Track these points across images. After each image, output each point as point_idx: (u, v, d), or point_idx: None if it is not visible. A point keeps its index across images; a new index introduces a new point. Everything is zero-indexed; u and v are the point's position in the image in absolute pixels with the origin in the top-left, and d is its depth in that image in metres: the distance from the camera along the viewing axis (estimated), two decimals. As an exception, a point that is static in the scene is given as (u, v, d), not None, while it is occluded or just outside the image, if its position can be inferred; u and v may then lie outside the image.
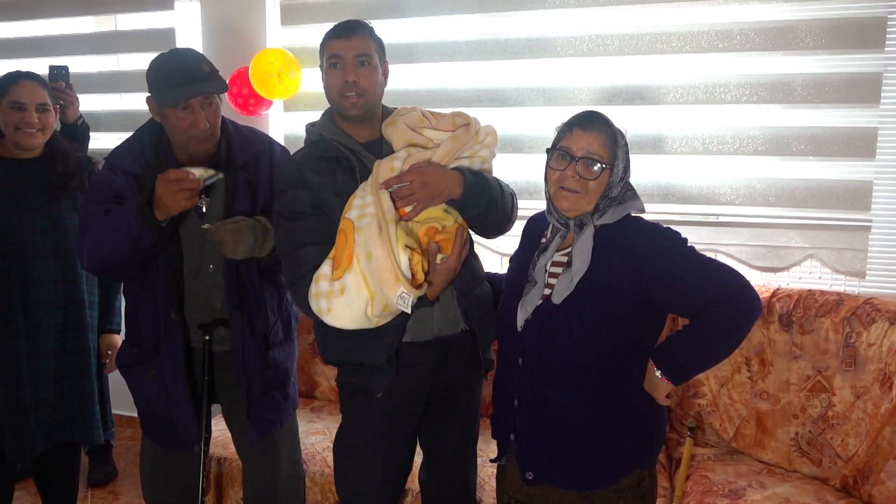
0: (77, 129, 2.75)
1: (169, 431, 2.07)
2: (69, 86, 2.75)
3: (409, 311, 1.61)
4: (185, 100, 1.82)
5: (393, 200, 1.66)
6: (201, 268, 1.99)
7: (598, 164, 1.57)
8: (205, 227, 1.88)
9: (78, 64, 3.49)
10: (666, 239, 1.59)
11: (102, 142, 3.55)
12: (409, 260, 1.60)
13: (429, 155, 1.73)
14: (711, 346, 1.56)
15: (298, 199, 1.78)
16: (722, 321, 1.52)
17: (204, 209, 1.95)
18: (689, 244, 1.59)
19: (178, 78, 1.82)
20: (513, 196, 1.90)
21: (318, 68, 2.99)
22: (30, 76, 2.30)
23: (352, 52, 1.74)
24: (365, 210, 1.65)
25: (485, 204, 1.71)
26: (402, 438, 1.91)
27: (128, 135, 3.40)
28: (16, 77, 2.28)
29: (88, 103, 3.46)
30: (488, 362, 1.94)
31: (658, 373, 1.60)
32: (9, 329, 2.26)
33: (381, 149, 1.83)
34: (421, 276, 1.64)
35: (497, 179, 1.83)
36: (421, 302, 1.70)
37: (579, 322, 1.59)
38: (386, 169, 1.70)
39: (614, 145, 1.58)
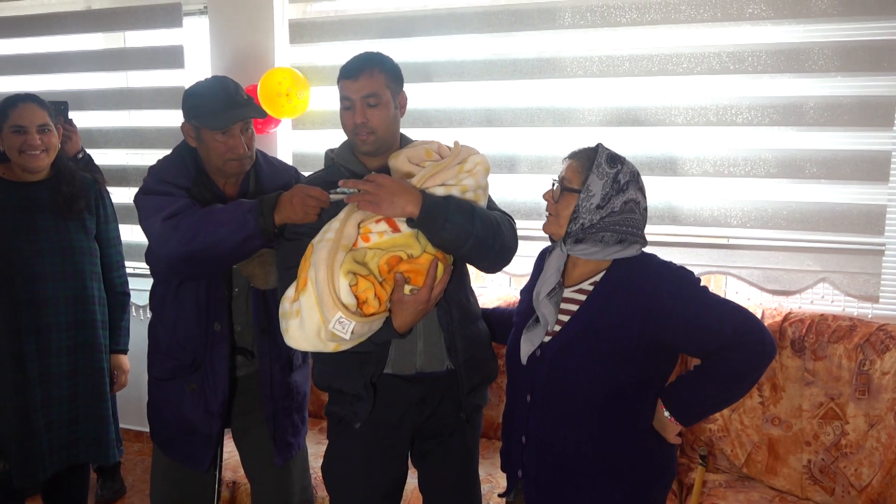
0: (78, 164, 2.74)
1: (197, 449, 2.06)
2: (69, 121, 2.77)
3: (347, 337, 1.58)
4: (231, 123, 1.86)
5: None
6: (232, 288, 2.02)
7: (560, 186, 1.61)
8: (235, 267, 1.90)
9: (86, 81, 3.51)
10: (676, 278, 1.57)
11: (110, 157, 3.57)
12: (354, 286, 1.57)
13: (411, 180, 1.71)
14: (722, 389, 1.54)
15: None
16: (734, 364, 1.50)
17: None
18: (701, 284, 1.57)
19: (223, 103, 1.87)
20: (501, 226, 1.76)
21: (327, 87, 3.03)
22: (29, 98, 2.30)
23: (359, 94, 1.75)
24: (325, 234, 1.65)
25: (451, 229, 1.63)
26: (383, 472, 1.88)
27: (137, 152, 3.49)
28: (15, 101, 2.28)
29: (97, 120, 3.48)
30: (471, 406, 1.88)
31: (667, 413, 1.58)
32: (20, 353, 2.27)
33: None
34: (374, 305, 1.60)
35: (477, 208, 1.72)
36: (389, 333, 1.67)
37: (587, 360, 1.57)
38: None
39: (589, 171, 1.58)
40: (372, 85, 1.75)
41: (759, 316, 2.44)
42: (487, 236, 1.70)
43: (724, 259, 2.63)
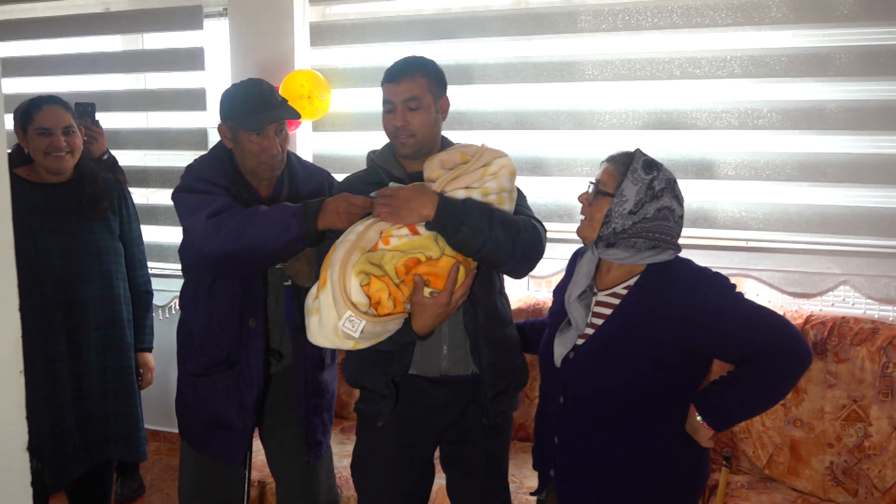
0: (102, 165, 2.76)
1: (230, 443, 2.08)
2: (95, 122, 2.78)
3: (356, 335, 1.60)
4: (265, 124, 1.89)
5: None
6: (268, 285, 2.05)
7: (596, 189, 1.61)
8: (279, 266, 1.93)
9: (104, 82, 3.52)
10: (712, 283, 1.56)
11: (128, 159, 3.58)
12: (365, 285, 1.60)
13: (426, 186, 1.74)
14: (757, 396, 1.54)
15: None
16: (769, 371, 1.50)
17: None
18: (737, 290, 1.57)
19: (257, 105, 1.90)
20: (523, 230, 1.74)
21: (347, 89, 3.05)
22: (53, 100, 2.32)
23: (400, 98, 1.77)
24: (347, 236, 1.68)
25: (466, 231, 1.63)
26: (407, 472, 1.90)
27: (155, 153, 3.51)
28: (39, 103, 2.30)
29: (115, 121, 3.50)
30: (494, 412, 1.85)
31: (699, 418, 1.57)
32: (51, 353, 2.29)
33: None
34: (388, 305, 1.62)
35: (496, 211, 1.71)
36: (409, 334, 1.70)
37: (620, 364, 1.58)
38: None
39: (624, 176, 1.58)
40: (413, 89, 1.77)
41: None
42: (507, 240, 1.68)
43: (745, 261, 2.65)
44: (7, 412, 1.26)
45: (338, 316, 1.61)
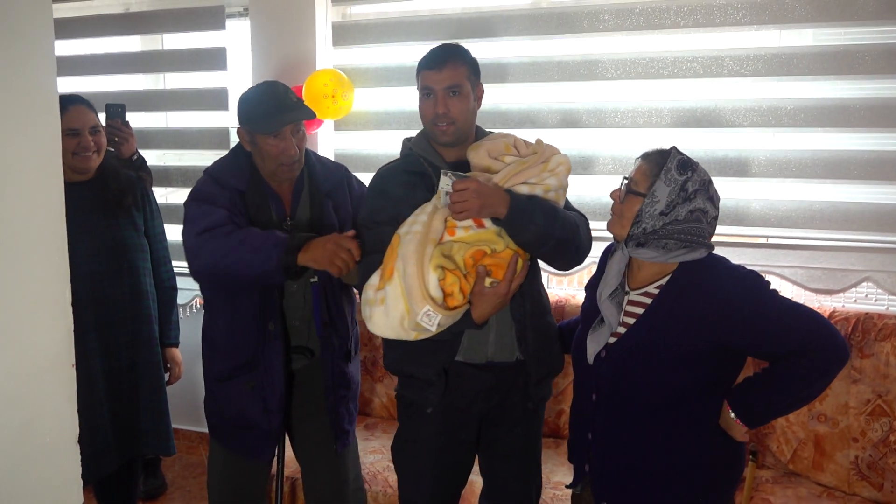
0: (132, 165, 2.79)
1: (257, 442, 2.12)
2: (125, 123, 2.80)
3: (433, 329, 1.64)
4: (280, 127, 1.91)
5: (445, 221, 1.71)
6: (285, 287, 2.06)
7: (628, 187, 1.61)
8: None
9: (124, 82, 3.54)
10: (746, 281, 1.56)
11: (148, 158, 3.59)
12: (442, 280, 1.63)
13: (488, 178, 1.75)
14: (792, 394, 1.54)
15: (378, 208, 1.85)
16: (804, 369, 1.49)
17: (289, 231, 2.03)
18: (771, 287, 1.56)
19: (272, 107, 1.92)
20: (580, 228, 1.83)
21: (370, 88, 3.07)
22: (78, 100, 2.35)
23: (442, 85, 1.79)
24: (412, 227, 1.70)
25: (534, 229, 1.69)
26: (452, 455, 1.94)
27: (175, 152, 3.53)
28: (65, 104, 2.30)
29: (135, 121, 3.51)
30: (538, 397, 1.94)
31: (733, 415, 1.58)
32: (83, 350, 2.31)
33: (466, 170, 1.86)
34: (458, 298, 1.66)
35: (559, 209, 1.79)
36: (466, 323, 1.73)
37: (653, 363, 1.58)
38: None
39: (657, 176, 1.57)
40: (455, 76, 1.79)
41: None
42: (567, 238, 1.75)
43: (768, 258, 2.66)
44: (60, 405, 1.28)
45: (408, 308, 1.63)
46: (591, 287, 1.82)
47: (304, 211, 2.08)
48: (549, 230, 1.71)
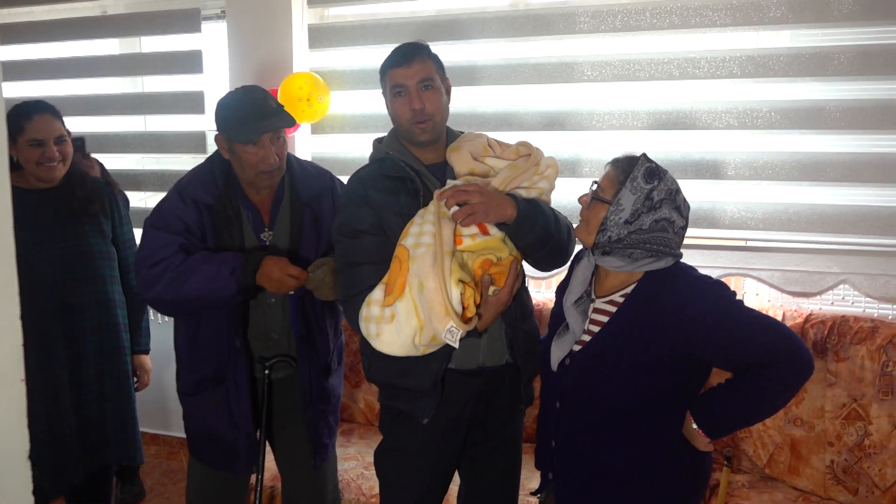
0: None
1: (229, 455, 2.08)
2: (86, 155, 2.78)
3: (456, 345, 1.61)
4: (258, 135, 1.85)
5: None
6: (261, 300, 2.02)
7: (594, 193, 1.59)
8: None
9: (102, 86, 3.52)
10: (711, 292, 1.53)
11: (126, 162, 3.58)
12: (462, 294, 1.60)
13: (487, 182, 1.73)
14: (754, 405, 1.52)
15: (359, 216, 1.78)
16: (768, 381, 1.47)
17: (267, 242, 2.01)
18: (736, 297, 1.54)
19: (250, 114, 1.86)
20: (569, 229, 1.86)
21: (346, 91, 3.05)
22: (43, 108, 2.27)
23: (414, 79, 1.75)
24: (421, 239, 1.65)
25: (538, 232, 1.69)
26: (441, 465, 1.91)
27: (153, 156, 3.50)
28: (29, 112, 2.24)
29: (113, 125, 3.50)
30: (529, 397, 1.94)
31: (695, 425, 1.56)
32: (50, 360, 2.28)
33: (445, 172, 1.84)
34: (472, 310, 1.64)
35: (553, 210, 1.81)
36: (469, 332, 1.70)
37: (617, 372, 1.56)
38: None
39: (622, 184, 1.54)
40: (425, 69, 1.77)
41: (779, 317, 2.48)
42: (563, 241, 1.78)
43: (745, 261, 2.65)
44: (8, 421, 1.26)
45: (421, 325, 1.60)
46: (561, 291, 1.80)
47: (284, 221, 2.03)
48: (552, 233, 1.72)
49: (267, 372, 2.04)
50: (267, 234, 1.99)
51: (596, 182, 1.63)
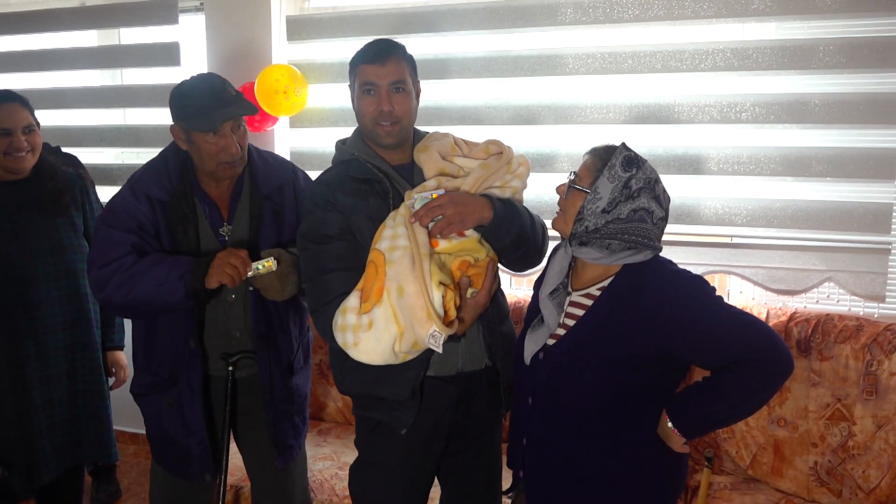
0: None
1: (183, 460, 2.02)
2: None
3: (439, 349, 1.57)
4: (218, 124, 1.77)
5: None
6: (221, 298, 1.95)
7: (572, 182, 1.55)
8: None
9: (80, 78, 3.46)
10: (689, 287, 1.49)
11: (105, 156, 3.53)
12: (443, 297, 1.55)
13: (458, 183, 1.68)
14: (731, 405, 1.46)
15: (327, 221, 1.71)
16: (746, 380, 1.42)
17: (226, 237, 1.94)
18: (716, 294, 1.49)
19: (209, 102, 1.78)
20: (544, 228, 1.82)
21: (325, 84, 2.99)
22: (11, 98, 2.22)
23: (386, 80, 1.68)
24: (396, 242, 1.59)
25: (515, 233, 1.66)
26: (422, 476, 1.86)
27: (132, 150, 3.45)
28: None
29: (92, 118, 3.44)
30: (508, 401, 1.87)
31: (670, 425, 1.50)
32: (18, 356, 2.23)
33: (413, 173, 1.78)
34: (453, 313, 1.59)
35: (527, 210, 1.77)
36: (449, 337, 1.64)
37: (590, 368, 1.52)
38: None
39: (599, 172, 1.50)
40: (398, 71, 1.69)
41: (763, 316, 2.44)
42: (538, 241, 1.75)
43: (729, 258, 2.59)
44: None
45: (401, 332, 1.55)
46: (539, 285, 1.75)
47: (244, 214, 1.96)
48: (527, 233, 1.69)
49: (231, 369, 1.98)
50: (226, 228, 1.93)
51: (574, 172, 1.58)
